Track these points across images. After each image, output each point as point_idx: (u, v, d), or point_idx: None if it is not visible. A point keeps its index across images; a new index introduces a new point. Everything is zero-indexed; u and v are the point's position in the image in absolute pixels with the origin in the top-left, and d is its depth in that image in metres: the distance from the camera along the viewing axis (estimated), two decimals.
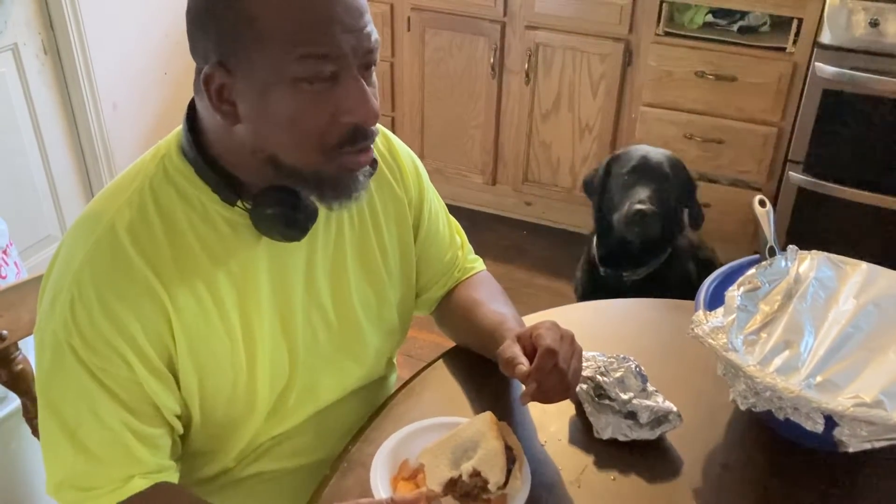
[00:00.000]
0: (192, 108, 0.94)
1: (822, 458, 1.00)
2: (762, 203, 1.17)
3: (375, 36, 0.87)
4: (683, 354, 1.17)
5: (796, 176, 2.48)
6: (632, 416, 1.02)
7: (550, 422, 1.05)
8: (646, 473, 0.98)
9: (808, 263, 1.10)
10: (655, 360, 1.14)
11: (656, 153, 1.94)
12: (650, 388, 1.05)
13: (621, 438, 1.01)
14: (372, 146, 0.91)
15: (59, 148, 2.41)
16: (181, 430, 0.97)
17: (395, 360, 1.23)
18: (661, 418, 1.01)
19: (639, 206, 1.84)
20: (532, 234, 3.03)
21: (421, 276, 1.17)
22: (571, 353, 0.95)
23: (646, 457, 1.00)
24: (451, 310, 1.18)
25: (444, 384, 1.13)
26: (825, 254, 1.12)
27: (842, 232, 2.47)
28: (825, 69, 2.29)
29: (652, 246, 1.93)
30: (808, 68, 2.37)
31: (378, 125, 1.11)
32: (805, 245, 1.19)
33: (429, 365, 1.16)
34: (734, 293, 1.03)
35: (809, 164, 2.45)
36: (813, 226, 2.52)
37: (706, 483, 0.97)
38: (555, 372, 0.92)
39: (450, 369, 1.15)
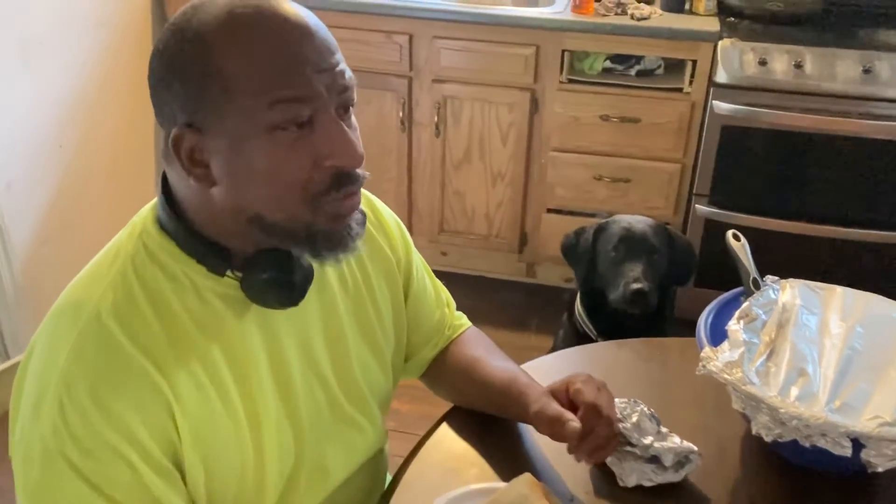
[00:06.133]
0: (164, 179, 0.88)
1: (841, 480, 1.02)
2: (736, 237, 1.22)
3: (350, 73, 0.84)
4: (675, 391, 1.19)
5: (702, 208, 2.60)
6: (655, 459, 1.01)
7: (570, 475, 1.03)
8: None
9: (789, 292, 1.14)
10: (649, 400, 1.13)
11: (639, 224, 1.96)
12: (664, 429, 1.05)
13: (647, 484, 1.00)
14: (358, 192, 0.87)
15: None
16: None
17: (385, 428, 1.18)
18: (682, 460, 1.01)
19: (636, 286, 1.85)
20: (450, 283, 2.99)
21: (411, 338, 1.13)
22: (610, 402, 0.94)
23: (674, 500, 1.00)
24: (449, 370, 1.15)
25: (455, 448, 1.09)
26: (802, 281, 1.17)
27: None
28: (722, 106, 2.43)
29: (649, 315, 1.94)
30: (705, 106, 2.51)
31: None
32: (719, 274, 1.21)
33: (433, 429, 1.12)
34: (736, 327, 1.05)
35: (714, 196, 2.58)
36: (723, 255, 2.64)
37: None
38: (603, 425, 0.91)
39: (456, 432, 1.11)
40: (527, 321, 2.81)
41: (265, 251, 0.86)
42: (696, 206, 2.61)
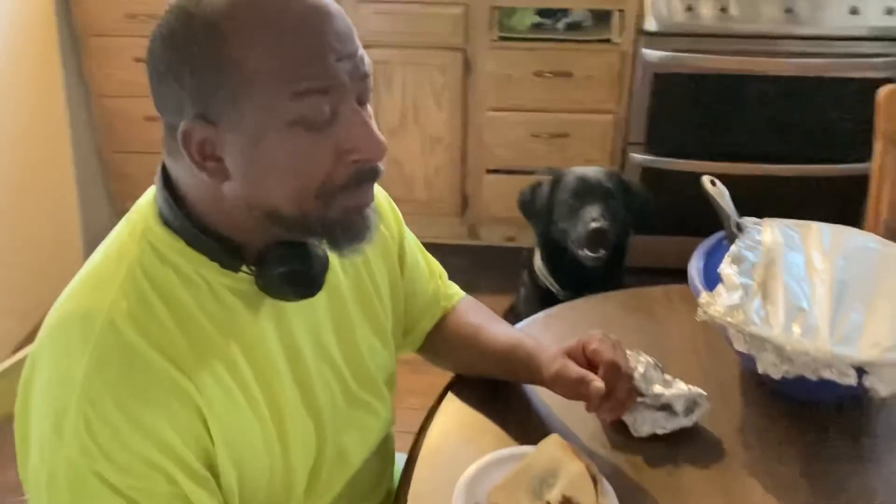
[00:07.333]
0: (164, 171, 0.83)
1: (841, 408, 1.07)
2: (713, 182, 1.24)
3: (368, 59, 0.80)
4: (667, 339, 1.21)
5: (638, 156, 2.64)
6: (666, 407, 1.03)
7: (583, 431, 1.04)
8: (696, 460, 1.00)
9: (769, 232, 1.17)
10: (646, 350, 1.14)
11: (594, 172, 2.00)
12: (668, 377, 1.07)
13: (660, 432, 1.02)
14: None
15: None
16: None
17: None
18: (692, 405, 1.04)
19: (594, 225, 1.88)
20: None
21: (409, 312, 1.11)
22: (626, 359, 0.95)
23: (688, 444, 1.02)
24: (449, 340, 1.14)
25: (465, 417, 1.08)
26: (779, 220, 1.20)
27: (687, 201, 2.66)
28: (652, 54, 2.46)
29: (609, 265, 1.97)
30: (634, 55, 2.53)
31: None
32: (660, 220, 1.22)
33: (438, 401, 1.11)
34: (730, 270, 1.07)
35: (649, 143, 2.62)
36: (661, 200, 2.70)
37: (754, 454, 1.01)
38: (623, 381, 0.92)
39: (463, 400, 1.10)
40: (476, 283, 2.78)
41: (279, 243, 0.82)
42: (632, 154, 2.65)
